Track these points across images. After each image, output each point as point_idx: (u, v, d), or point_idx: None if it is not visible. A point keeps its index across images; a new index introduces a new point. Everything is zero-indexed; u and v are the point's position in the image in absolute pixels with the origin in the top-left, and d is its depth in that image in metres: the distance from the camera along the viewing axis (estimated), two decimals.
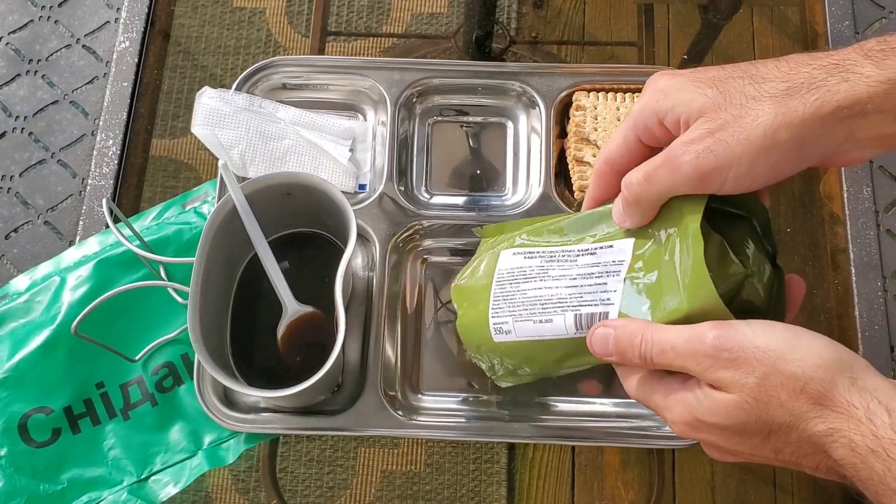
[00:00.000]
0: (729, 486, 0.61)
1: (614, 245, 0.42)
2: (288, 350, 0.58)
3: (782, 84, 0.35)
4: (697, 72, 0.38)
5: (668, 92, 0.38)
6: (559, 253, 0.45)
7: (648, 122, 0.39)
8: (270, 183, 0.56)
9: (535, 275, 0.46)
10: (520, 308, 0.46)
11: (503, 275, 0.48)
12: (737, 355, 0.34)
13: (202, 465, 0.60)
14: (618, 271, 0.41)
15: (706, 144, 0.35)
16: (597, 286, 0.42)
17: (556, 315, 0.44)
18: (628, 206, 0.40)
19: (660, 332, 0.37)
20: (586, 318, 0.42)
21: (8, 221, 1.41)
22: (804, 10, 0.75)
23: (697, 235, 0.37)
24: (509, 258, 0.48)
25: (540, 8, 0.76)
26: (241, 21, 0.75)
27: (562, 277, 0.44)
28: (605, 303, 0.41)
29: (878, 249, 0.66)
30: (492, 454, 0.62)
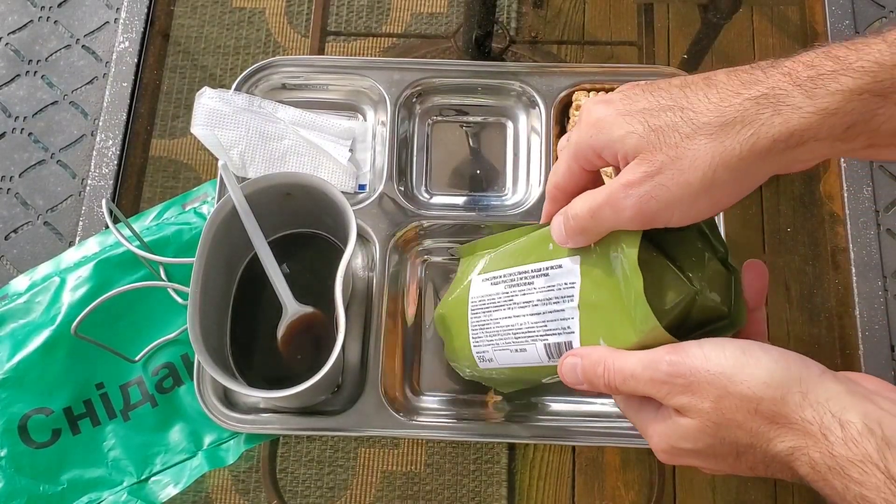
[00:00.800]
0: (729, 486, 0.61)
1: (563, 265, 0.42)
2: (288, 350, 0.57)
3: (715, 118, 0.34)
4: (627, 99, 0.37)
5: (600, 126, 0.37)
6: (517, 276, 0.45)
7: (588, 154, 0.39)
8: (270, 183, 0.56)
9: (502, 302, 0.46)
10: (496, 338, 0.47)
11: (476, 303, 0.49)
12: (690, 380, 0.34)
13: (202, 465, 0.60)
14: (571, 296, 0.41)
15: (645, 189, 0.35)
16: (556, 313, 0.42)
17: (528, 345, 0.44)
18: (573, 233, 0.40)
19: (620, 361, 0.37)
20: (554, 347, 0.43)
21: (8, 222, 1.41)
22: (804, 10, 0.75)
23: (635, 269, 0.37)
24: (479, 285, 0.49)
25: (540, 7, 0.76)
26: (241, 21, 0.75)
27: (526, 304, 0.44)
28: (566, 331, 0.42)
29: (879, 249, 0.66)
30: (492, 454, 0.62)
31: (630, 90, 0.38)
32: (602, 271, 0.40)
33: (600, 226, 0.38)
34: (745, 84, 0.34)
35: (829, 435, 0.31)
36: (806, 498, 0.60)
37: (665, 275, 0.39)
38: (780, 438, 0.33)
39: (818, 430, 0.32)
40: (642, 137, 0.35)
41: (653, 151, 0.35)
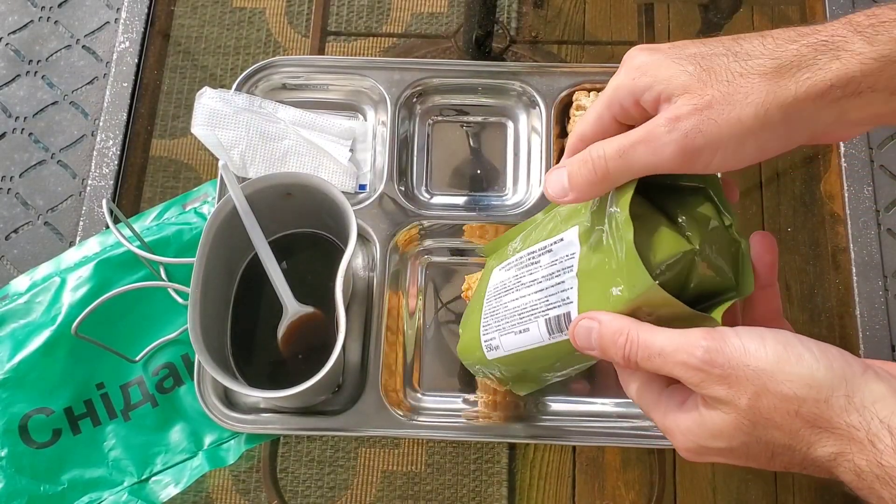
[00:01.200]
0: (730, 486, 0.61)
1: (564, 237, 0.41)
2: (288, 350, 0.58)
3: (770, 61, 0.33)
4: (676, 47, 0.36)
5: (645, 69, 0.36)
6: (526, 257, 0.44)
7: (624, 101, 0.37)
8: (271, 183, 0.56)
9: (511, 286, 0.45)
10: (503, 322, 0.45)
11: (491, 293, 0.47)
12: (728, 372, 0.32)
13: (203, 465, 0.60)
14: (571, 266, 0.40)
15: (693, 122, 0.33)
16: (558, 286, 0.41)
17: (531, 323, 0.43)
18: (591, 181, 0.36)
19: (647, 334, 0.35)
20: (554, 321, 0.41)
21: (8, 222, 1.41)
22: (804, 9, 0.75)
23: (627, 221, 0.35)
24: (496, 275, 0.48)
25: (540, 7, 0.76)
26: (241, 21, 0.75)
27: (532, 283, 0.43)
28: (565, 303, 0.40)
29: (879, 249, 0.66)
30: (492, 454, 0.62)
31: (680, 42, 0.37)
32: (598, 234, 0.38)
33: (629, 167, 0.35)
34: (803, 34, 0.33)
35: (876, 442, 0.30)
36: (807, 498, 0.60)
37: (661, 230, 0.37)
38: (822, 443, 0.31)
39: (865, 437, 0.30)
40: (692, 76, 0.34)
41: (703, 87, 0.34)
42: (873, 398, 0.31)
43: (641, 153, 0.35)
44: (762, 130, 0.33)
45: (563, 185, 0.38)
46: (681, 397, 0.36)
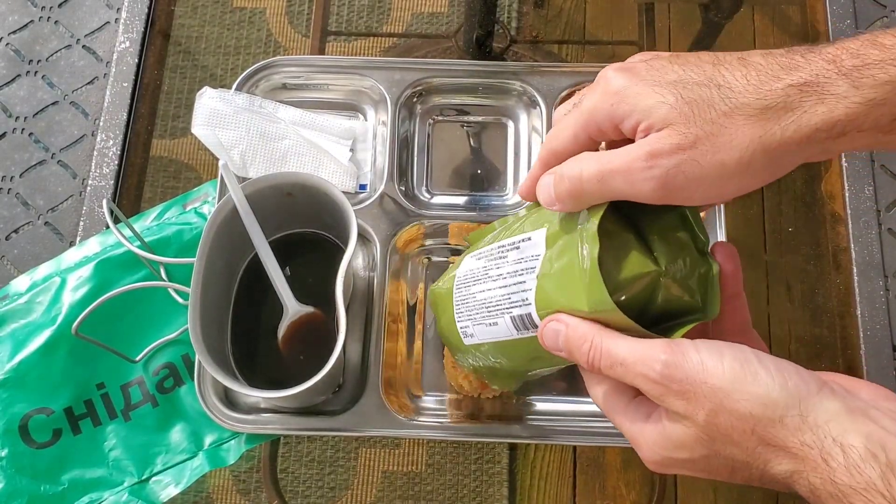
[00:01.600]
0: (731, 487, 0.61)
1: (532, 237, 0.41)
2: (289, 350, 0.57)
3: (756, 101, 0.33)
4: (654, 69, 0.35)
5: (624, 96, 0.35)
6: (496, 250, 0.44)
7: (602, 124, 0.37)
8: (271, 183, 0.56)
9: (480, 276, 0.45)
10: (473, 311, 0.45)
11: (460, 279, 0.48)
12: (686, 388, 0.33)
13: (203, 465, 0.60)
14: (533, 268, 0.40)
15: (674, 161, 0.33)
16: (518, 285, 0.41)
17: (498, 318, 0.43)
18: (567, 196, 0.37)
19: (610, 342, 0.35)
20: (519, 319, 0.41)
21: (8, 222, 1.41)
22: (805, 9, 0.75)
23: (594, 236, 0.35)
24: (466, 262, 0.48)
25: (541, 7, 0.76)
26: (242, 21, 0.75)
27: (498, 278, 0.43)
28: (525, 303, 0.40)
29: (880, 249, 0.66)
30: (493, 454, 0.62)
31: (655, 60, 0.36)
32: (565, 241, 0.38)
33: (606, 193, 0.36)
34: (786, 68, 0.33)
35: (829, 461, 0.30)
36: None
37: (627, 248, 0.37)
38: (778, 461, 0.32)
39: (818, 455, 0.30)
40: (674, 108, 0.34)
41: (686, 124, 0.33)
42: (827, 416, 0.31)
43: (619, 183, 0.35)
44: (745, 173, 0.33)
45: (550, 194, 0.38)
46: (647, 409, 0.36)
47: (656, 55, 0.37)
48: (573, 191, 0.37)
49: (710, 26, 0.75)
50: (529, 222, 0.43)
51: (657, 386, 0.34)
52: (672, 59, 0.36)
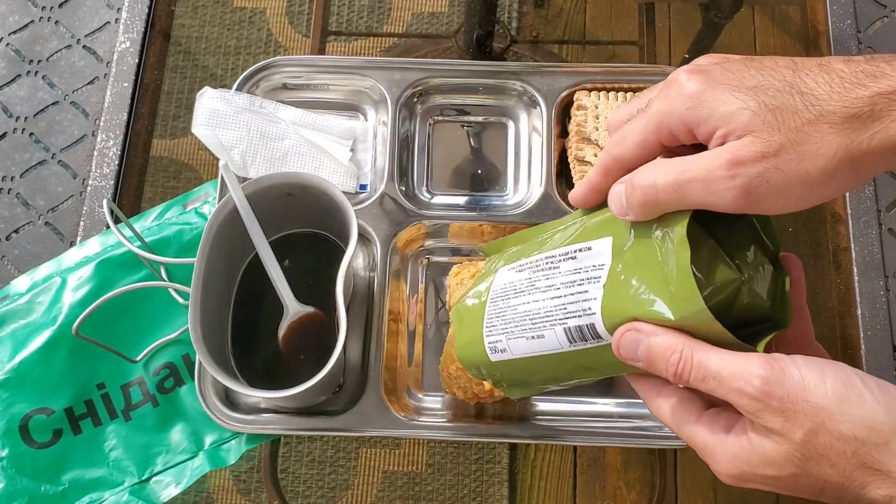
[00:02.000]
0: (731, 487, 0.60)
1: (592, 247, 0.40)
2: (289, 350, 0.57)
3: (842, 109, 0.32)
4: (730, 72, 0.34)
5: (702, 101, 0.34)
6: (543, 261, 0.43)
7: (676, 129, 0.35)
8: (271, 183, 0.56)
9: (523, 288, 0.44)
10: (511, 325, 0.44)
11: (496, 292, 0.46)
12: (786, 405, 0.32)
13: (203, 465, 0.60)
14: (598, 277, 0.39)
15: (758, 170, 0.32)
16: (578, 295, 0.40)
17: (546, 330, 0.42)
18: (642, 205, 0.36)
19: (702, 355, 0.34)
20: (575, 330, 0.40)
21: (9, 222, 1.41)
22: (805, 9, 0.75)
23: (683, 242, 0.34)
24: (503, 274, 0.46)
25: (541, 7, 0.76)
26: (242, 21, 0.75)
27: (548, 289, 0.42)
28: (587, 313, 0.39)
29: (881, 248, 0.66)
30: (493, 454, 0.62)
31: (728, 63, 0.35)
32: (638, 249, 0.37)
33: (682, 202, 0.34)
34: (871, 76, 0.32)
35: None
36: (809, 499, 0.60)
37: (712, 255, 0.36)
38: (877, 485, 0.31)
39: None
40: (757, 115, 0.32)
41: (769, 131, 0.32)
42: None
43: (698, 192, 0.34)
44: (829, 182, 0.33)
45: (622, 204, 0.37)
46: (726, 421, 0.35)
47: (726, 58, 0.36)
48: (647, 200, 0.36)
49: (710, 26, 0.75)
50: (585, 231, 0.41)
51: (754, 402, 0.33)
52: (747, 62, 0.35)
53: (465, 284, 0.58)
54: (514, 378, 0.48)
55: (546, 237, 0.46)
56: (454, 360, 0.55)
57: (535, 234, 0.48)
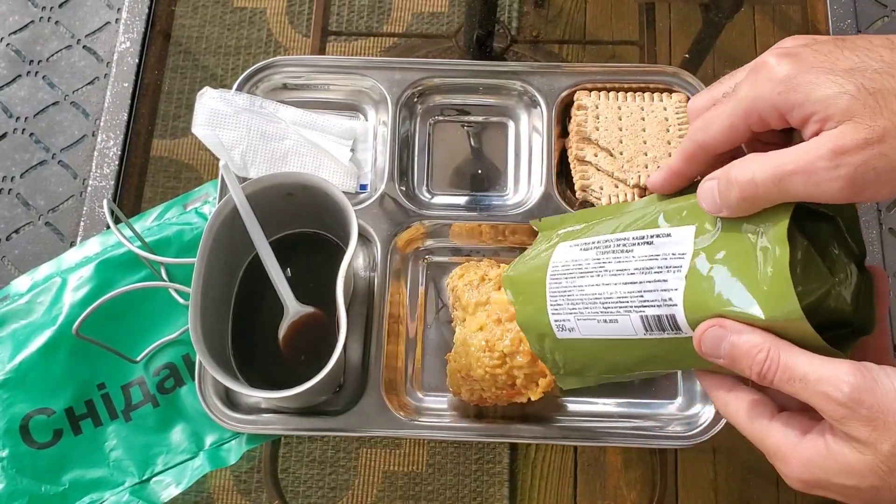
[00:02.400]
0: (732, 487, 0.61)
1: (672, 234, 0.38)
2: (289, 351, 0.57)
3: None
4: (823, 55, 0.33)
5: (794, 85, 0.33)
6: (614, 243, 0.41)
7: (766, 114, 0.34)
8: (271, 183, 0.56)
9: (591, 269, 0.42)
10: (580, 306, 0.42)
11: (558, 268, 0.44)
12: (875, 415, 0.31)
13: (204, 466, 0.60)
14: (678, 266, 0.37)
15: (863, 157, 0.31)
16: (657, 283, 0.38)
17: (620, 315, 0.40)
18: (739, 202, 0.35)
19: (789, 356, 0.33)
20: (653, 319, 0.39)
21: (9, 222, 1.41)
22: (806, 9, 0.75)
23: (783, 240, 0.33)
24: (565, 251, 0.45)
25: (541, 7, 0.76)
26: (242, 21, 0.75)
27: (620, 272, 0.40)
28: (667, 303, 0.38)
29: (881, 248, 0.66)
30: (494, 454, 0.62)
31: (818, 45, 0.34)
32: (725, 242, 0.36)
33: (783, 195, 0.33)
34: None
35: None
36: (809, 498, 0.60)
37: (807, 257, 0.35)
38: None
39: None
40: (856, 99, 0.31)
41: (871, 116, 0.31)
42: None
43: (799, 184, 0.33)
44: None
45: (714, 200, 0.36)
46: (802, 426, 0.35)
47: (814, 39, 0.35)
48: (746, 196, 0.35)
49: (710, 26, 0.75)
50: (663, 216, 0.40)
51: (841, 409, 0.32)
52: (838, 43, 0.33)
53: (474, 286, 0.58)
54: (575, 361, 0.46)
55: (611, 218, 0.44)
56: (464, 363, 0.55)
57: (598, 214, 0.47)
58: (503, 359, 0.55)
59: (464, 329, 0.57)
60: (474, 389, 0.57)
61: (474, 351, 0.55)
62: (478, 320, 0.56)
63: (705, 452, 0.61)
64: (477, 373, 0.55)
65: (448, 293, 0.62)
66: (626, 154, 0.62)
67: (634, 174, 0.61)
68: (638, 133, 0.62)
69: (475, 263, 0.61)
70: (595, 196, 0.63)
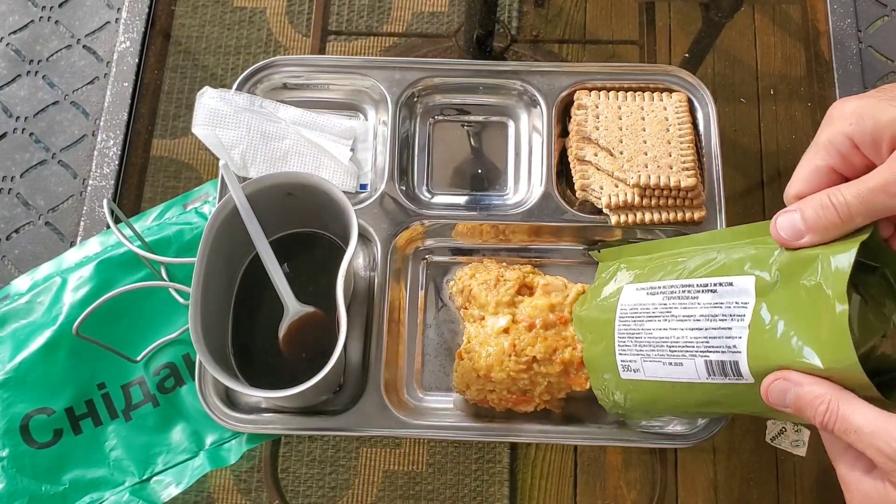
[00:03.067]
0: (732, 486, 0.61)
1: (734, 283, 0.41)
2: (289, 350, 0.57)
3: None
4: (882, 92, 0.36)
5: (861, 115, 0.36)
6: (679, 289, 0.44)
7: (842, 148, 0.37)
8: (271, 183, 0.56)
9: (658, 314, 0.45)
10: (647, 348, 0.45)
11: (626, 311, 0.47)
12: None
13: (204, 465, 0.60)
14: (742, 315, 0.40)
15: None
16: (721, 331, 0.41)
17: (685, 359, 0.43)
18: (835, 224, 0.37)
19: (847, 408, 0.36)
20: (717, 365, 0.42)
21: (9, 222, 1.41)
22: (806, 8, 0.75)
23: (843, 296, 0.35)
24: (632, 294, 0.48)
25: (541, 6, 0.76)
26: (242, 21, 0.75)
27: (686, 318, 0.43)
28: (731, 350, 0.41)
29: None
30: (494, 454, 0.62)
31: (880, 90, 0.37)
32: (786, 293, 0.38)
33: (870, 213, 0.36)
34: None
35: None
36: (808, 497, 0.60)
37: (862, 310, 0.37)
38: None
39: None
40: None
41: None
42: None
43: (882, 200, 0.35)
44: None
45: (797, 228, 0.38)
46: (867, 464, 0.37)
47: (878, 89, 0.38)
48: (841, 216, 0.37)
49: (710, 26, 0.75)
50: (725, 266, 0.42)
51: (890, 462, 0.34)
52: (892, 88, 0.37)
53: (491, 286, 0.58)
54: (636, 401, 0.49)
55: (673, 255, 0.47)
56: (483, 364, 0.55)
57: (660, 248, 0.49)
58: (530, 364, 0.55)
59: (481, 329, 0.57)
60: (483, 390, 0.57)
61: (496, 353, 0.55)
62: (500, 322, 0.56)
63: (705, 452, 0.61)
64: (497, 375, 0.55)
65: (452, 292, 0.62)
66: (626, 153, 0.62)
67: (634, 174, 0.61)
68: (638, 132, 0.62)
69: (484, 264, 0.61)
70: (595, 195, 0.63)
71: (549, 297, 0.57)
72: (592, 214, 0.63)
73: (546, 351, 0.55)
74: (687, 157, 0.61)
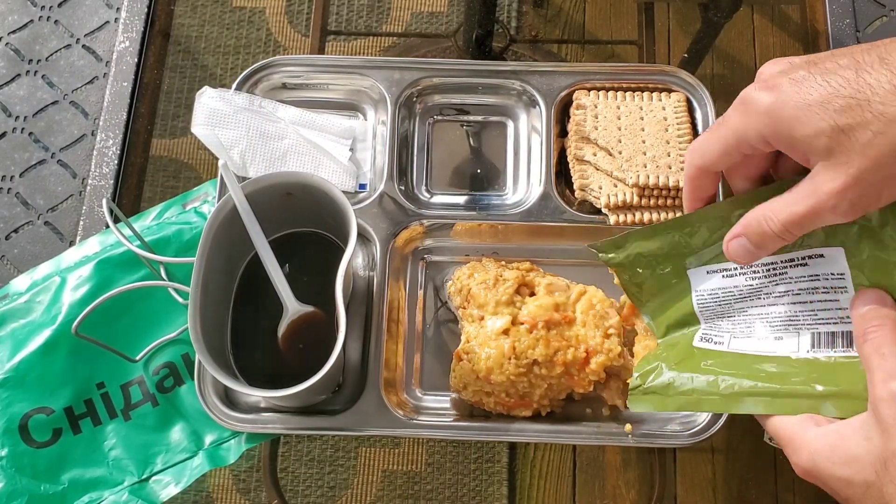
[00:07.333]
0: (731, 485, 0.61)
1: (824, 254, 0.41)
2: (288, 350, 0.57)
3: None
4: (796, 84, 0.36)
5: (776, 118, 0.36)
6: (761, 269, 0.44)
7: (755, 143, 0.38)
8: (271, 182, 0.56)
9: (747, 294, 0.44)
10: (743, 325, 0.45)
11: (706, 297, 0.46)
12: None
13: (203, 465, 0.60)
14: (844, 287, 0.40)
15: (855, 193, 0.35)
16: (829, 303, 0.41)
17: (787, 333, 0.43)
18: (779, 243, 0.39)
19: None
20: (826, 336, 0.41)
21: (8, 222, 1.41)
22: (805, 9, 0.75)
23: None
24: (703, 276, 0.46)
25: (540, 6, 0.76)
26: (241, 21, 0.75)
27: (784, 294, 0.43)
28: (844, 321, 0.41)
29: None
30: (493, 454, 0.62)
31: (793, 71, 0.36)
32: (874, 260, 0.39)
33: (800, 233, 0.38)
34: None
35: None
36: (808, 497, 0.60)
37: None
38: None
39: None
40: (832, 139, 0.34)
41: (846, 153, 0.34)
42: None
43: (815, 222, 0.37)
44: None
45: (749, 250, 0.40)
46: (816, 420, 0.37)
47: (790, 64, 0.37)
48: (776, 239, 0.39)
49: (709, 26, 0.75)
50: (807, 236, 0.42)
51: None
52: (811, 68, 0.36)
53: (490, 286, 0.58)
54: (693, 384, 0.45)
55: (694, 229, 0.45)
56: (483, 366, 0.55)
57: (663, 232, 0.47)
58: (530, 367, 0.55)
59: (480, 329, 0.57)
60: (481, 391, 0.57)
61: (496, 355, 0.55)
62: (500, 322, 0.56)
63: (704, 451, 0.61)
64: (497, 377, 0.55)
65: (450, 292, 0.62)
66: (625, 153, 0.62)
67: (633, 174, 0.61)
68: (637, 132, 0.62)
69: (483, 263, 0.61)
70: (594, 195, 0.63)
71: (554, 297, 0.57)
72: (591, 214, 0.63)
73: (547, 353, 0.55)
74: None
